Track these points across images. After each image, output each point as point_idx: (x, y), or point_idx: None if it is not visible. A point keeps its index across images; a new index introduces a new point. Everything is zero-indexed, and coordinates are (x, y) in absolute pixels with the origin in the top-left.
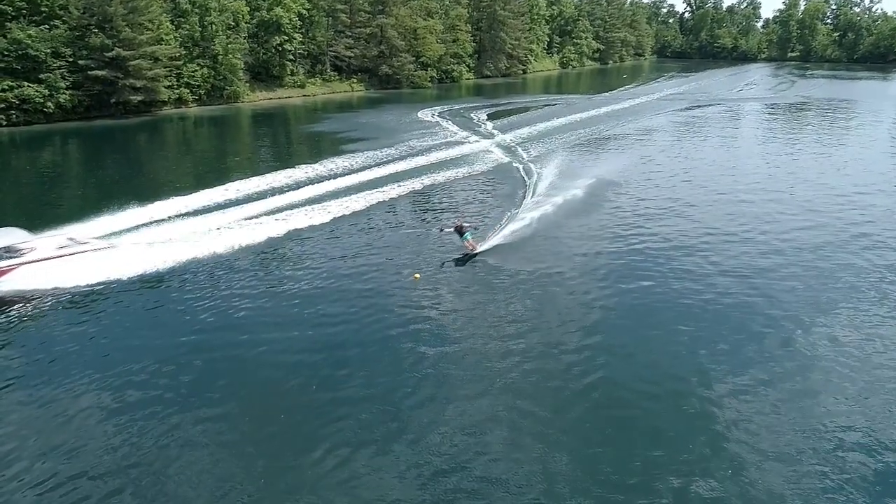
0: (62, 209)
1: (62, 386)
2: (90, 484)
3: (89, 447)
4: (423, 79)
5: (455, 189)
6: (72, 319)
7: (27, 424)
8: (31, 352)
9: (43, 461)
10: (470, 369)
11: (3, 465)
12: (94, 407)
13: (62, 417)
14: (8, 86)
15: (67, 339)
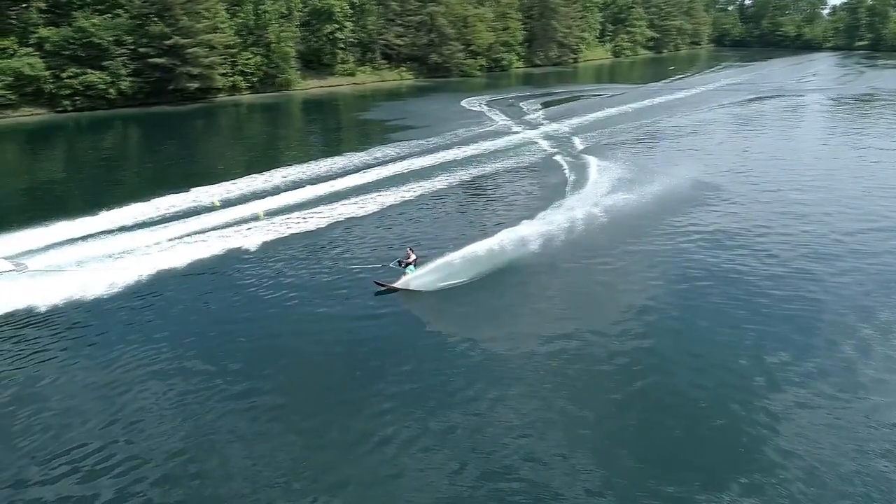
0: (121, 189)
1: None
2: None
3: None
4: (472, 67)
5: (497, 181)
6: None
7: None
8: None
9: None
10: (519, 370)
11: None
12: (143, 392)
13: (116, 400)
14: (73, 73)
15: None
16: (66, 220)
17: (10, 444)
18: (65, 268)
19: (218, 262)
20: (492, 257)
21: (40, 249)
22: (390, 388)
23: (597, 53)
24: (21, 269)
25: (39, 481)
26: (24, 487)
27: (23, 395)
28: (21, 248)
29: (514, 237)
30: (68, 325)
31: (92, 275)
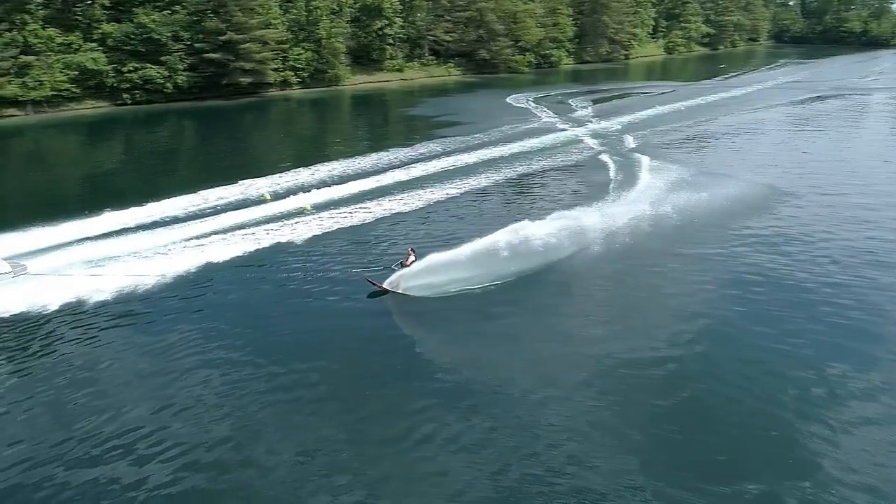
0: (172, 180)
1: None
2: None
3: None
4: (520, 63)
5: (543, 179)
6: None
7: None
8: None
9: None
10: (563, 372)
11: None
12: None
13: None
14: (133, 67)
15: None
16: (117, 210)
17: (68, 424)
18: (65, 272)
19: (265, 255)
20: (531, 257)
21: (95, 237)
22: (432, 385)
23: (649, 50)
24: (19, 272)
25: (92, 460)
26: (77, 468)
27: (80, 379)
28: (74, 236)
29: (560, 236)
30: (121, 315)
31: (111, 276)
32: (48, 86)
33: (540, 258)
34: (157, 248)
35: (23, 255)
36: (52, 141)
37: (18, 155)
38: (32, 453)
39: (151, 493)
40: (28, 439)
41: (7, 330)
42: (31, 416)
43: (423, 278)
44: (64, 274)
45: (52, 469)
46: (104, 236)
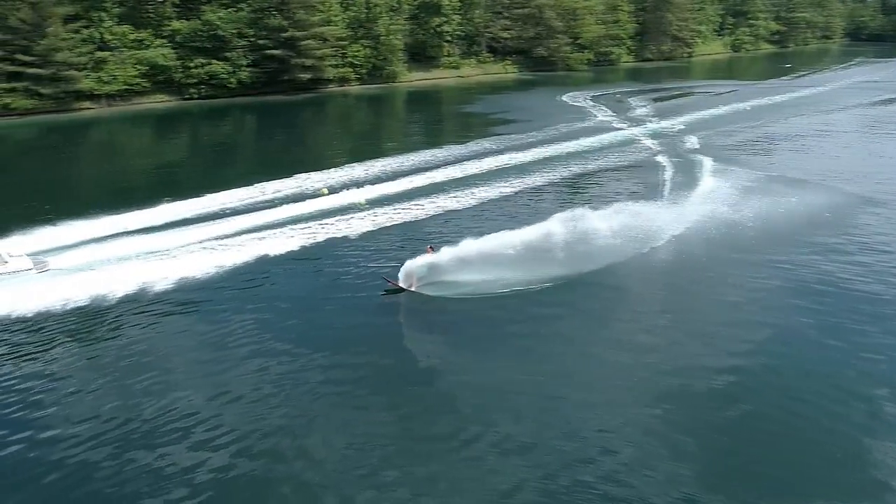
0: (234, 172)
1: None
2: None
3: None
4: (578, 61)
5: (598, 180)
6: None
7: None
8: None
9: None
10: (610, 378)
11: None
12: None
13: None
14: (199, 63)
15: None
16: (168, 203)
17: (127, 409)
18: (87, 268)
19: (319, 249)
20: (580, 260)
21: (159, 227)
22: (480, 385)
23: (713, 48)
24: (41, 268)
25: (150, 444)
26: (136, 450)
27: (139, 366)
28: (138, 224)
29: (612, 240)
30: (177, 304)
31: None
32: (121, 80)
33: (588, 261)
34: (213, 239)
35: (85, 243)
36: (123, 133)
37: (93, 146)
38: (96, 435)
39: (205, 478)
40: (91, 422)
41: (72, 319)
42: (94, 398)
43: (454, 274)
44: (85, 269)
45: (114, 451)
46: (166, 227)
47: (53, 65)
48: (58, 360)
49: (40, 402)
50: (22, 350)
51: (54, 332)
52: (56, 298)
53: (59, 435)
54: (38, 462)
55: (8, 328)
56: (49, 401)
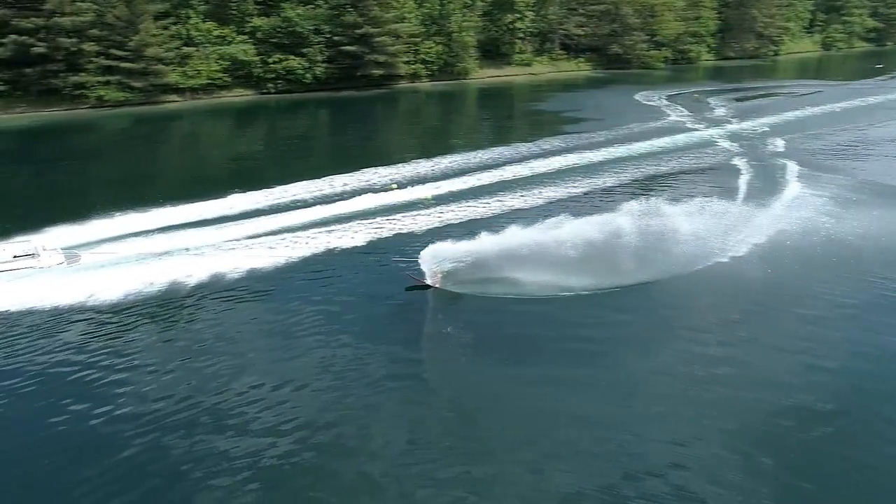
0: (305, 165)
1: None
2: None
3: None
4: (655, 59)
5: (671, 182)
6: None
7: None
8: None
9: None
10: (681, 388)
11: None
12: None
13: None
14: (277, 59)
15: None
16: (241, 193)
17: (196, 395)
18: (119, 260)
19: (385, 243)
20: (648, 265)
21: (233, 217)
22: (544, 387)
23: (802, 45)
24: (73, 261)
25: (216, 427)
26: (202, 434)
27: (206, 353)
28: (219, 212)
29: (687, 245)
30: (250, 292)
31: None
32: (204, 75)
33: (658, 266)
34: (282, 230)
35: (162, 230)
36: (204, 125)
37: (176, 137)
38: (168, 414)
39: (269, 462)
40: (164, 401)
41: (146, 307)
42: (167, 380)
43: (501, 271)
44: (115, 263)
45: (184, 431)
46: (240, 217)
47: (144, 59)
48: (134, 344)
49: (120, 382)
50: (102, 332)
51: (134, 317)
52: (122, 290)
53: (136, 412)
54: (116, 438)
55: (90, 315)
56: (127, 381)
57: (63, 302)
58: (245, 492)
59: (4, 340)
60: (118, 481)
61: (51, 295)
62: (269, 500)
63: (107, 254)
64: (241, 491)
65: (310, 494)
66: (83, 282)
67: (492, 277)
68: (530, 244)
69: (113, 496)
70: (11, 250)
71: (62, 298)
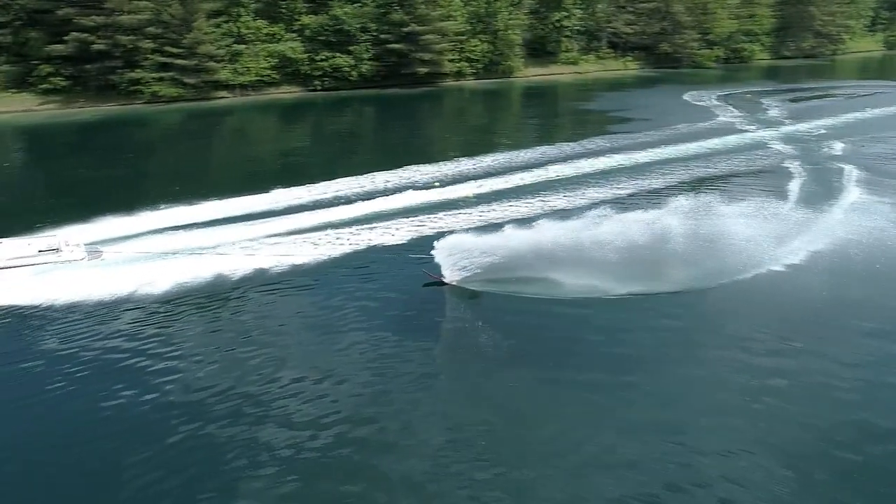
0: (349, 161)
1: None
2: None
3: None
4: (706, 58)
5: (720, 186)
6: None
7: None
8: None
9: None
10: (729, 398)
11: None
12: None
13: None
14: (325, 56)
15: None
16: (285, 189)
17: (238, 386)
18: (143, 256)
19: (426, 242)
20: (695, 270)
21: (278, 212)
22: (580, 385)
23: (863, 44)
24: (95, 257)
25: (257, 419)
26: (243, 425)
27: (250, 346)
28: (263, 207)
29: (736, 250)
30: (292, 287)
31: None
32: (254, 72)
33: (707, 272)
34: (325, 225)
35: (209, 224)
36: (252, 121)
37: (226, 132)
38: (207, 408)
39: (309, 455)
40: (206, 392)
41: (196, 300)
42: (208, 373)
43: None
44: (137, 261)
45: (225, 423)
46: (284, 211)
47: (196, 57)
48: (178, 336)
49: (164, 371)
50: (148, 323)
51: (179, 310)
52: (167, 283)
53: (181, 401)
54: (161, 425)
55: (133, 307)
56: (171, 370)
57: (99, 295)
58: (285, 482)
59: (57, 328)
60: (162, 467)
61: (83, 288)
62: (309, 491)
63: (129, 250)
64: (282, 481)
65: (348, 488)
66: (115, 276)
67: (520, 277)
68: (564, 242)
69: (157, 482)
70: (37, 245)
71: (97, 291)
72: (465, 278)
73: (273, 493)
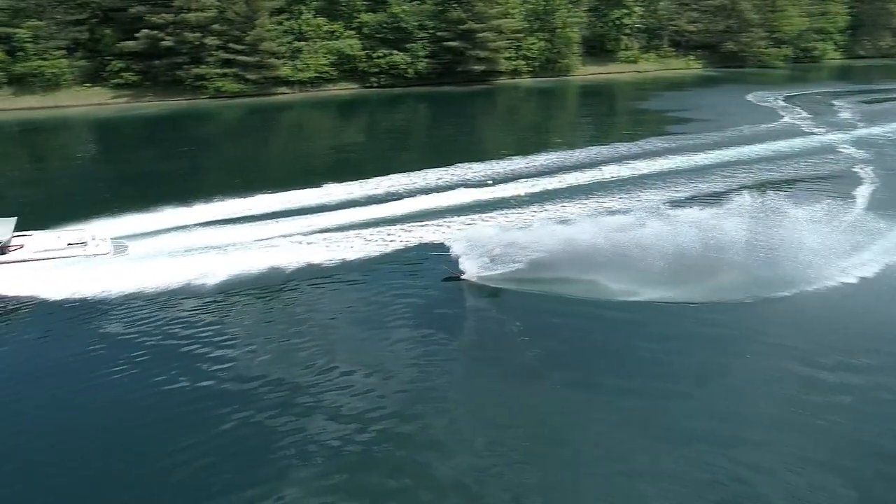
0: (402, 158)
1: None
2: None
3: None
4: (773, 57)
5: (785, 192)
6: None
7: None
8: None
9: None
10: (787, 415)
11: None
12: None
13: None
14: (382, 53)
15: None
16: (337, 183)
17: (286, 375)
18: (169, 251)
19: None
20: (748, 280)
21: (331, 207)
22: (624, 391)
23: None
24: (120, 251)
25: (307, 411)
26: (291, 416)
27: (307, 335)
28: (315, 201)
29: (797, 262)
30: (344, 282)
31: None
32: (313, 69)
33: (770, 280)
34: (376, 221)
35: (267, 216)
36: (310, 117)
37: (284, 127)
38: (257, 398)
39: (354, 448)
40: (254, 384)
41: (246, 294)
42: (259, 364)
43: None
44: (161, 257)
45: (274, 414)
46: (337, 207)
47: (258, 53)
48: (229, 327)
49: (216, 360)
50: (202, 314)
51: (230, 302)
52: (225, 274)
53: (231, 390)
54: (212, 413)
55: (184, 299)
56: (222, 359)
57: (149, 286)
58: (332, 474)
59: (114, 318)
60: (213, 453)
61: (134, 279)
62: (354, 484)
63: (161, 245)
64: (328, 473)
65: (392, 483)
66: (168, 268)
67: (550, 277)
68: (601, 241)
69: (207, 467)
70: (66, 238)
71: (143, 283)
72: (485, 276)
73: (319, 485)
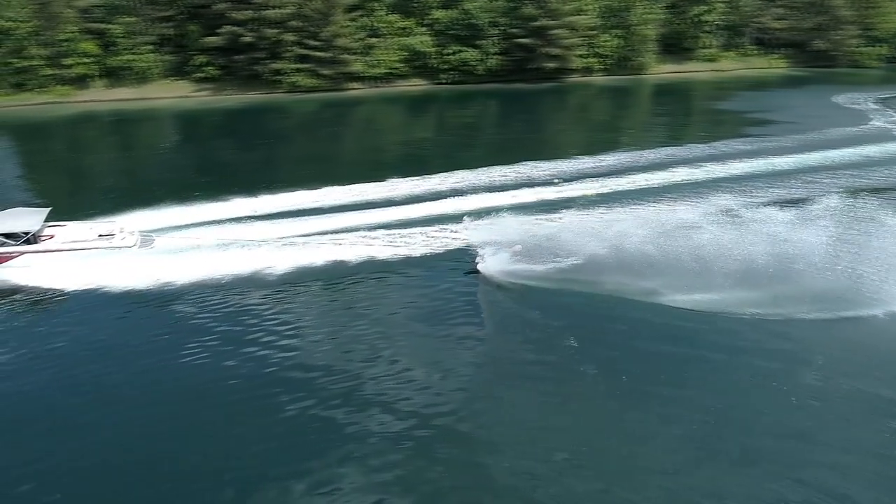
0: (469, 155)
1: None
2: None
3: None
4: (867, 56)
5: (864, 198)
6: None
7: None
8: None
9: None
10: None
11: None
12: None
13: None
14: (453, 50)
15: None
16: (401, 178)
17: (346, 367)
18: (198, 245)
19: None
20: (821, 295)
21: (397, 202)
22: (676, 400)
23: None
24: (147, 243)
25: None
26: (338, 407)
27: (364, 329)
28: (379, 195)
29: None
30: (405, 277)
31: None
32: (385, 65)
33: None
34: (437, 217)
35: (321, 210)
36: (380, 112)
37: (355, 122)
38: (317, 389)
39: (409, 444)
40: (315, 373)
41: (318, 284)
42: (321, 354)
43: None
44: (188, 250)
45: (333, 406)
46: (402, 202)
47: (333, 49)
48: (297, 318)
49: (283, 348)
50: (271, 303)
51: (293, 292)
52: (286, 268)
53: (292, 379)
54: (273, 401)
55: (256, 288)
56: (284, 348)
57: (186, 278)
58: (387, 469)
59: (184, 304)
60: (273, 440)
61: (194, 269)
62: (409, 480)
63: (181, 238)
64: (384, 467)
65: (447, 482)
66: (227, 259)
67: (603, 280)
68: (650, 241)
69: (266, 453)
70: (97, 229)
71: (185, 275)
72: (500, 271)
73: (374, 479)
